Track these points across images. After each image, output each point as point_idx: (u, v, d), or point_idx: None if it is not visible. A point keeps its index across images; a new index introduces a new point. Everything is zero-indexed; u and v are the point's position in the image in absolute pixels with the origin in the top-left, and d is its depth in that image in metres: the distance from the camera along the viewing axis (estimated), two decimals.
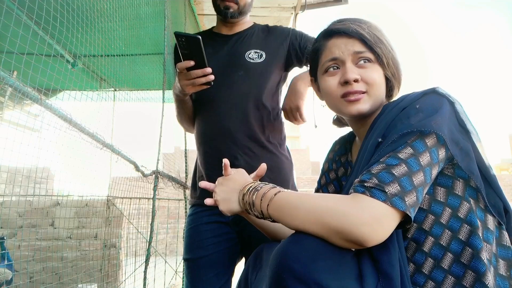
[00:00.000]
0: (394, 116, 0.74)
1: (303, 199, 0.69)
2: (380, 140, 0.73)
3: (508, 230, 0.74)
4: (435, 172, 0.69)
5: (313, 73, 0.92)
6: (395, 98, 0.87)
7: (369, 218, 0.62)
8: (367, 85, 0.81)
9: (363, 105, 0.81)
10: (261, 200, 0.75)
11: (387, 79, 0.84)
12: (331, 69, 0.84)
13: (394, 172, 0.65)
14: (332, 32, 0.85)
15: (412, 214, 0.64)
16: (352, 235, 0.62)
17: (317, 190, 1.01)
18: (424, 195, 0.68)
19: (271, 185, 0.78)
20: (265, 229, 0.94)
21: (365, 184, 0.65)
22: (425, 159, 0.67)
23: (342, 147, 0.98)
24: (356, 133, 0.91)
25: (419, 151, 0.67)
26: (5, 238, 2.95)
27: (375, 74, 0.81)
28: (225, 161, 0.90)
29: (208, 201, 0.89)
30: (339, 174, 0.97)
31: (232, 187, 0.85)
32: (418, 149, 0.67)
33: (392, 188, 0.63)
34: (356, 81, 0.80)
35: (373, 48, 0.80)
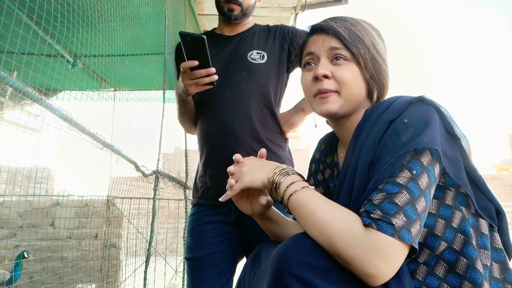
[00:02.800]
0: (382, 131, 0.71)
1: (321, 208, 0.67)
2: (371, 160, 0.70)
3: (499, 232, 0.73)
4: (433, 191, 0.67)
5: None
6: (378, 102, 0.84)
7: (378, 260, 0.60)
8: (337, 83, 0.79)
9: (332, 105, 0.79)
10: (287, 187, 0.73)
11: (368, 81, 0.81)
12: (308, 64, 0.83)
13: (396, 201, 0.63)
14: (312, 29, 0.85)
15: (417, 244, 0.62)
16: (358, 272, 0.61)
17: None
18: (425, 219, 0.66)
19: (300, 176, 0.76)
20: (269, 230, 0.92)
21: (371, 215, 0.63)
22: (424, 181, 0.65)
23: (327, 147, 0.96)
24: (338, 135, 0.89)
25: (417, 174, 0.65)
26: (29, 255, 2.89)
27: (348, 73, 0.78)
28: (236, 156, 0.86)
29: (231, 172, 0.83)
30: (325, 176, 0.95)
31: (264, 165, 0.80)
32: (415, 171, 0.65)
33: (399, 220, 0.61)
34: (326, 77, 0.78)
35: (349, 47, 0.78)
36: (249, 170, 0.80)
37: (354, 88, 0.79)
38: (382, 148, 0.69)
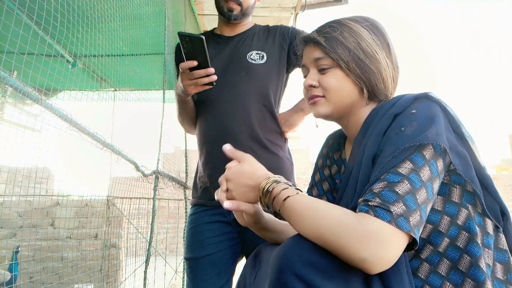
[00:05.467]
0: (387, 124, 0.72)
1: (311, 207, 0.67)
2: (375, 152, 0.71)
3: (505, 232, 0.73)
4: (436, 186, 0.67)
5: None
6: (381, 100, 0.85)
7: (373, 244, 0.59)
8: (324, 90, 0.82)
9: (322, 108, 0.83)
10: (277, 194, 0.73)
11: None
12: (304, 76, 0.88)
13: (397, 190, 0.63)
14: (302, 40, 0.89)
15: (416, 235, 0.62)
16: (354, 261, 0.60)
17: (311, 187, 0.99)
18: (427, 212, 0.65)
19: (282, 185, 0.74)
20: (268, 238, 0.91)
21: (369, 203, 0.63)
22: (425, 173, 0.65)
23: (336, 142, 0.97)
24: (345, 133, 0.91)
25: (418, 166, 0.65)
26: (19, 249, 2.95)
27: (331, 80, 0.81)
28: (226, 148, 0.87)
29: (226, 205, 0.79)
30: (332, 172, 0.95)
31: (247, 184, 0.78)
32: (417, 163, 0.65)
33: (398, 208, 0.61)
34: (313, 86, 0.83)
35: (328, 53, 0.81)
36: (239, 191, 0.78)
37: (340, 93, 0.81)
38: (386, 141, 0.70)
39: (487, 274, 0.67)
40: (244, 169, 0.80)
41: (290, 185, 0.75)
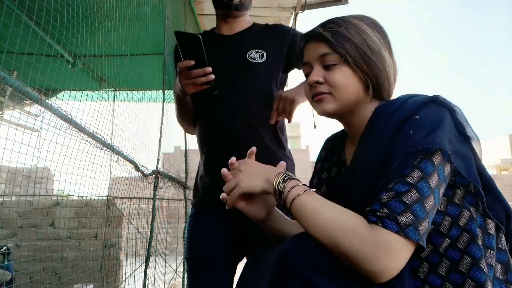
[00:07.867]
0: (394, 129, 0.72)
1: (324, 209, 0.68)
2: (383, 159, 0.71)
3: (507, 233, 0.73)
4: (442, 191, 0.68)
5: None
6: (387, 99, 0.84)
7: (383, 255, 0.60)
8: (330, 87, 0.80)
9: (327, 105, 0.81)
10: (288, 191, 0.73)
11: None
12: (307, 75, 0.86)
13: (404, 199, 0.63)
14: (303, 38, 0.87)
15: (424, 242, 0.63)
16: (364, 270, 0.61)
17: None
18: (433, 217, 0.66)
19: (298, 182, 0.75)
20: (272, 231, 0.91)
21: (377, 213, 0.63)
22: (434, 180, 0.65)
23: (335, 145, 0.96)
24: (347, 132, 0.90)
25: (427, 173, 0.65)
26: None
27: (338, 76, 0.79)
28: (232, 159, 0.86)
29: (224, 171, 0.84)
30: (332, 174, 0.95)
31: (261, 170, 0.80)
32: (426, 170, 0.65)
33: (405, 218, 0.61)
34: (319, 82, 0.81)
35: (336, 49, 0.79)
36: (246, 176, 0.80)
37: (347, 89, 0.80)
38: (393, 147, 0.70)
39: (489, 275, 0.67)
40: (255, 162, 0.84)
41: (300, 183, 0.75)
